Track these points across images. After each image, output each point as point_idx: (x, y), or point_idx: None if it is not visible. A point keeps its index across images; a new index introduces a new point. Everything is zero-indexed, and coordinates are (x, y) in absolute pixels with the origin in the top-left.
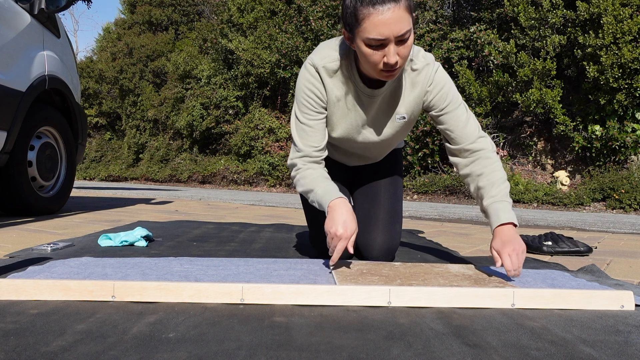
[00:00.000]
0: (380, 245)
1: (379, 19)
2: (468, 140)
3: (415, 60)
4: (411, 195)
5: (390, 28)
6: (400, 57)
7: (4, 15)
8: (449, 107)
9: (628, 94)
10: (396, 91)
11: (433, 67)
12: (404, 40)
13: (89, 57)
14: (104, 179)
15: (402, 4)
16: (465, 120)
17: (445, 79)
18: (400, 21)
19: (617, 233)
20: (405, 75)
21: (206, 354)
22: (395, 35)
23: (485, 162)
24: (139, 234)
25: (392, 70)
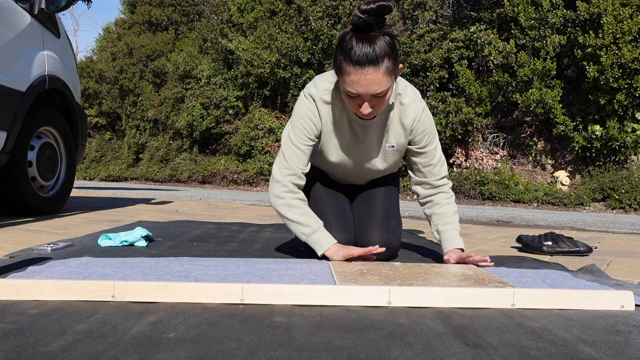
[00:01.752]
0: (378, 243)
1: (357, 79)
2: (434, 178)
3: (404, 94)
4: (411, 195)
5: (365, 88)
6: (375, 109)
7: (4, 15)
8: (428, 147)
9: (628, 94)
10: (386, 122)
11: (420, 104)
12: (380, 97)
13: (89, 57)
14: (104, 179)
15: (381, 69)
16: (437, 160)
17: (429, 119)
18: (376, 84)
19: (617, 233)
20: (395, 108)
21: (206, 354)
22: (370, 94)
23: (445, 195)
24: (139, 234)
25: (369, 117)
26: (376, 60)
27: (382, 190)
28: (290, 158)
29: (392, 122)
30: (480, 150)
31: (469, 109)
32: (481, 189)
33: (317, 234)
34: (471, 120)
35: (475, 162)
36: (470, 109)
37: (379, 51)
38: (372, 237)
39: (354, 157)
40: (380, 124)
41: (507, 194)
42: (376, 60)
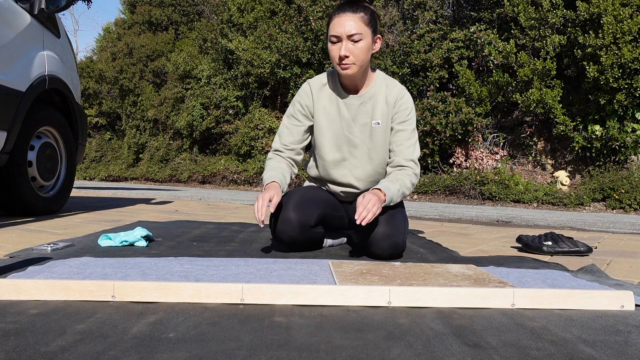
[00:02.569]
0: (383, 238)
1: (337, 21)
2: (402, 156)
3: (389, 82)
4: (411, 195)
5: (343, 27)
6: (352, 54)
7: (4, 15)
8: (405, 125)
9: (628, 94)
10: (372, 101)
11: (402, 89)
12: (356, 41)
13: (89, 57)
14: (104, 179)
15: (358, 15)
16: (411, 143)
17: (412, 104)
18: (351, 24)
19: (617, 233)
20: (381, 90)
21: (206, 354)
22: (346, 34)
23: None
24: (139, 234)
25: (346, 64)
26: (355, 7)
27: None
28: (279, 136)
29: (377, 100)
30: (480, 150)
31: (469, 109)
32: (481, 189)
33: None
34: (471, 120)
35: (475, 162)
36: (470, 109)
37: (358, 5)
38: (377, 230)
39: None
40: (366, 101)
41: (507, 194)
42: (355, 7)
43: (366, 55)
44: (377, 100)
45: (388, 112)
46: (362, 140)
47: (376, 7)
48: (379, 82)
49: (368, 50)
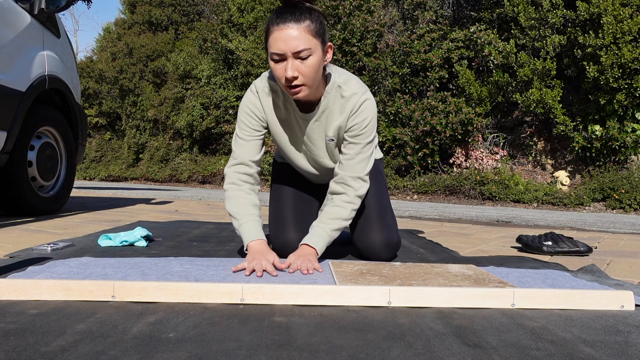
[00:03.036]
0: (380, 242)
1: (278, 35)
2: (348, 172)
3: (345, 88)
4: (411, 195)
5: (286, 43)
6: (301, 74)
7: (4, 15)
8: (359, 139)
9: (628, 94)
10: (326, 115)
11: (361, 97)
12: (302, 58)
13: (89, 57)
14: (104, 179)
15: (303, 25)
16: (362, 158)
17: (369, 112)
18: (297, 39)
19: (617, 233)
20: (335, 101)
21: (206, 354)
22: (292, 51)
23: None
24: (139, 234)
25: (294, 87)
26: (298, 17)
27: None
28: (238, 150)
29: (332, 113)
30: (480, 150)
31: (469, 109)
32: (481, 189)
33: (244, 226)
34: (471, 120)
35: (475, 162)
36: (470, 109)
37: (302, 11)
38: (372, 238)
39: (301, 148)
40: (321, 116)
41: (507, 194)
42: (298, 17)
43: (318, 71)
44: (331, 113)
45: (342, 127)
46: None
47: (376, 7)
48: (333, 92)
49: (319, 65)
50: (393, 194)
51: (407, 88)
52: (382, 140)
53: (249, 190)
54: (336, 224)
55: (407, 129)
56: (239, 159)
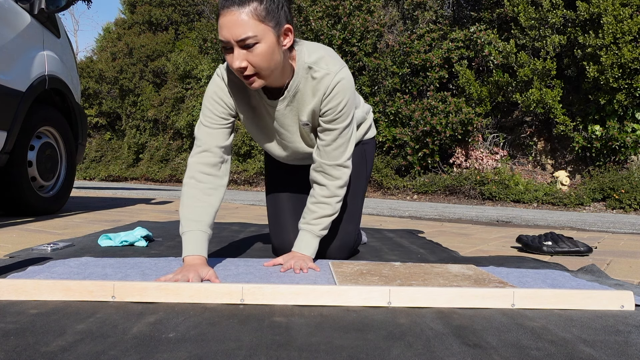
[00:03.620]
0: (336, 246)
1: (223, 22)
2: (327, 160)
3: (316, 68)
4: (411, 195)
5: (230, 31)
6: (250, 63)
7: (4, 15)
8: (334, 124)
9: (628, 94)
10: (298, 99)
11: (334, 77)
12: (249, 46)
13: (89, 57)
14: (104, 179)
15: (247, 9)
16: (340, 144)
17: (344, 94)
18: (239, 26)
19: (617, 233)
20: (307, 83)
21: (206, 354)
22: (235, 39)
23: (325, 192)
24: (139, 234)
25: (247, 77)
26: (242, 1)
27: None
28: (202, 135)
29: (304, 97)
30: (480, 150)
31: (469, 109)
32: (481, 189)
33: (186, 236)
34: (471, 120)
35: (475, 162)
36: (470, 109)
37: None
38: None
39: (275, 135)
40: (292, 100)
41: (507, 194)
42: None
43: (271, 60)
44: (303, 97)
45: (316, 110)
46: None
47: (376, 7)
48: (303, 73)
49: (273, 52)
50: (393, 194)
51: (407, 88)
52: (382, 140)
53: (209, 190)
54: (323, 223)
55: (407, 129)
56: (204, 145)
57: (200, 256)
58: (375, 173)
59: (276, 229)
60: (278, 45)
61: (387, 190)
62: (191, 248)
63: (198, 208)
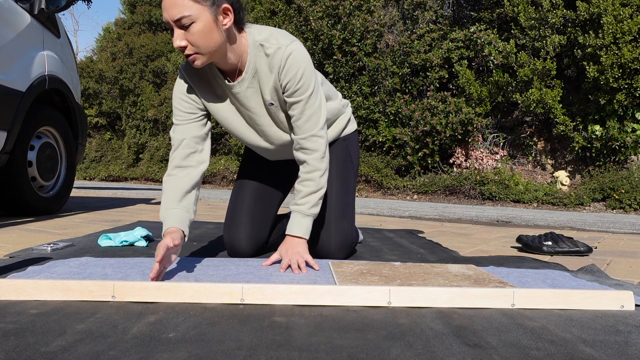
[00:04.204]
0: (335, 245)
1: (162, 4)
2: (300, 135)
3: (267, 45)
4: (411, 195)
5: (168, 12)
6: (191, 43)
7: (4, 15)
8: (297, 96)
9: (628, 94)
10: (257, 79)
11: (285, 50)
12: (186, 26)
13: (89, 57)
14: (104, 179)
15: None
16: (310, 114)
17: (299, 64)
18: (175, 6)
19: (617, 233)
20: (261, 61)
21: (206, 354)
22: (172, 19)
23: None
24: (139, 234)
25: (188, 56)
26: None
27: (335, 184)
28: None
29: (261, 75)
30: (480, 150)
31: (469, 109)
32: (481, 189)
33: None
34: (471, 120)
35: (475, 162)
36: (470, 109)
37: None
38: (327, 241)
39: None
40: (251, 81)
41: (507, 194)
42: None
43: (209, 38)
44: (261, 75)
45: (277, 87)
46: (265, 121)
47: (376, 7)
48: (256, 52)
49: (210, 31)
50: (393, 194)
51: (407, 88)
52: (382, 141)
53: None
54: (311, 200)
55: (407, 129)
56: (177, 142)
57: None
58: (375, 173)
59: (229, 224)
60: (216, 24)
61: (387, 190)
62: (169, 222)
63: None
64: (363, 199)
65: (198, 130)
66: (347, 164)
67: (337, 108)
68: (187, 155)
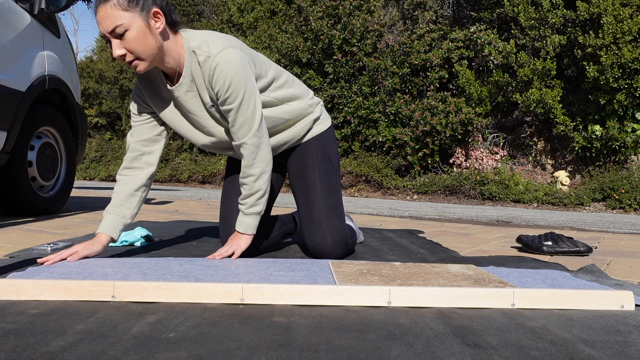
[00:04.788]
0: (330, 244)
1: (97, 20)
2: (236, 142)
3: (198, 52)
4: (411, 195)
5: (102, 26)
6: (129, 50)
7: (4, 15)
8: (228, 105)
9: (628, 94)
10: (195, 84)
11: (214, 60)
12: (120, 35)
13: (89, 57)
14: (104, 179)
15: (110, 3)
16: (241, 123)
17: (226, 74)
18: (107, 18)
19: (617, 233)
20: (195, 68)
21: (206, 354)
22: (107, 31)
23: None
24: (139, 234)
25: (130, 62)
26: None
27: (319, 185)
28: (128, 138)
29: (198, 82)
30: (480, 150)
31: (469, 109)
32: (481, 189)
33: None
34: (471, 120)
35: (475, 162)
36: (470, 109)
37: None
38: (320, 241)
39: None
40: (190, 85)
41: (507, 194)
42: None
43: (145, 43)
44: (198, 82)
45: (212, 94)
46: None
47: (376, 7)
48: (190, 58)
49: (144, 36)
50: (393, 194)
51: (407, 88)
52: (382, 140)
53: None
54: (249, 201)
55: (407, 129)
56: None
57: (105, 235)
58: (375, 173)
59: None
60: (149, 29)
61: (387, 190)
62: (101, 226)
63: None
64: (363, 199)
65: (148, 132)
66: (326, 163)
67: (302, 108)
68: (135, 158)
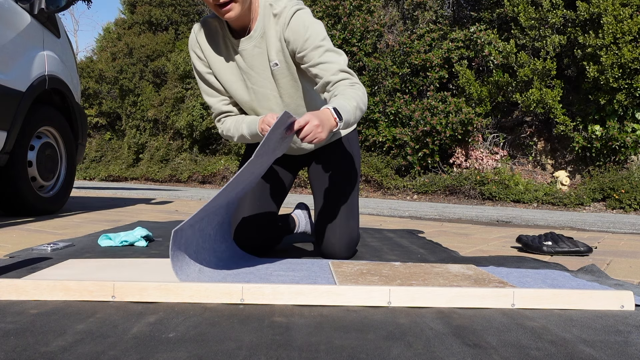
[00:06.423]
0: (343, 245)
1: None
2: (330, 72)
3: (275, 5)
4: (411, 195)
5: None
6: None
7: (4, 15)
8: (311, 42)
9: (628, 94)
10: (265, 39)
11: (291, 9)
12: None
13: (89, 57)
14: (104, 179)
15: None
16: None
17: (304, 19)
18: None
19: (617, 233)
20: (270, 21)
21: (206, 354)
22: None
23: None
24: (139, 234)
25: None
26: None
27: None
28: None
29: (269, 36)
30: (480, 150)
31: (469, 109)
32: (481, 189)
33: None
34: (471, 120)
35: (475, 162)
36: (470, 109)
37: None
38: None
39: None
40: (258, 42)
41: (507, 194)
42: None
43: None
44: (269, 36)
45: (283, 48)
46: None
47: (376, 7)
48: (266, 12)
49: None
50: (393, 194)
51: (407, 88)
52: (382, 141)
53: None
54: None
55: (407, 129)
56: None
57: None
58: (375, 173)
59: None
60: None
61: (387, 190)
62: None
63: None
64: (363, 199)
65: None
66: (351, 164)
67: None
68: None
